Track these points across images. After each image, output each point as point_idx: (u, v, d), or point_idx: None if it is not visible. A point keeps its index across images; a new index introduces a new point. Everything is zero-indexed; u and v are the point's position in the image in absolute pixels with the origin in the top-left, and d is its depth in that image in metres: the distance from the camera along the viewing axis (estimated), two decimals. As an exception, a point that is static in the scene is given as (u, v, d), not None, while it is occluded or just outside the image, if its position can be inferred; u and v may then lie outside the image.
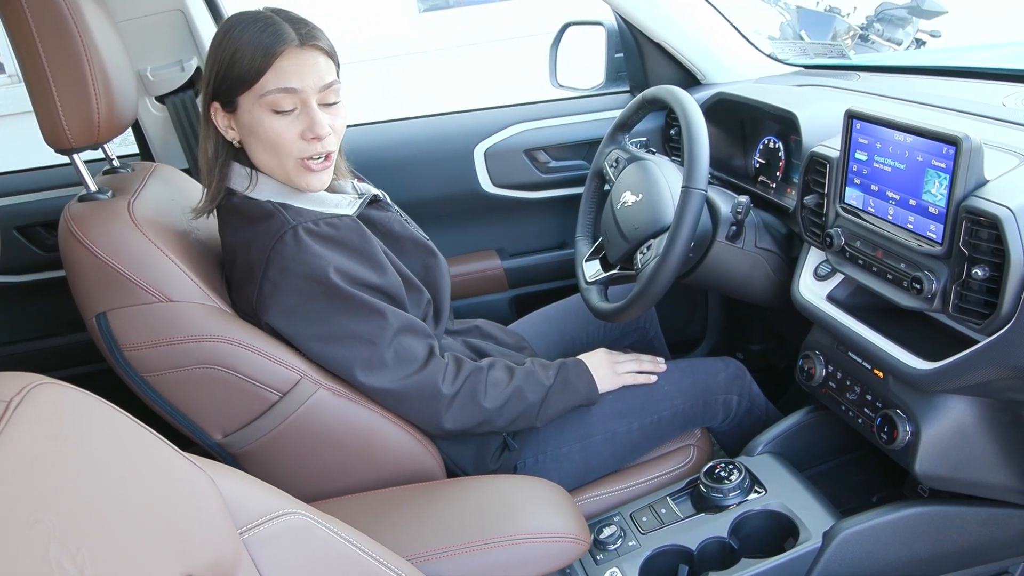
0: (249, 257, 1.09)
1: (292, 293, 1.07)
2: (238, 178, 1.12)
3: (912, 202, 0.97)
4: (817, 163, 1.17)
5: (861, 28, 4.99)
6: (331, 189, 1.23)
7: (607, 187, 1.50)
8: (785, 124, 1.44)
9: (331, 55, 1.10)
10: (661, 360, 1.36)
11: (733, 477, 1.19)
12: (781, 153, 1.50)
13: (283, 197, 1.12)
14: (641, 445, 1.31)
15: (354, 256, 1.10)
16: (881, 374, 1.11)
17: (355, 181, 1.29)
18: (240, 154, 1.13)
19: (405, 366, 1.11)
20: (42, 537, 0.44)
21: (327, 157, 1.11)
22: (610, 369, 1.30)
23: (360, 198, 1.21)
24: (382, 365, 1.10)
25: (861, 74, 1.64)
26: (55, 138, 1.03)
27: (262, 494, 0.69)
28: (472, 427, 1.17)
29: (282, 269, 1.06)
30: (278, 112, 1.06)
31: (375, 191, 1.27)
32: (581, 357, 1.30)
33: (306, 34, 1.07)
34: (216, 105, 1.09)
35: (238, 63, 1.04)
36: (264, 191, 1.11)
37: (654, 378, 1.33)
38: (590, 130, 1.82)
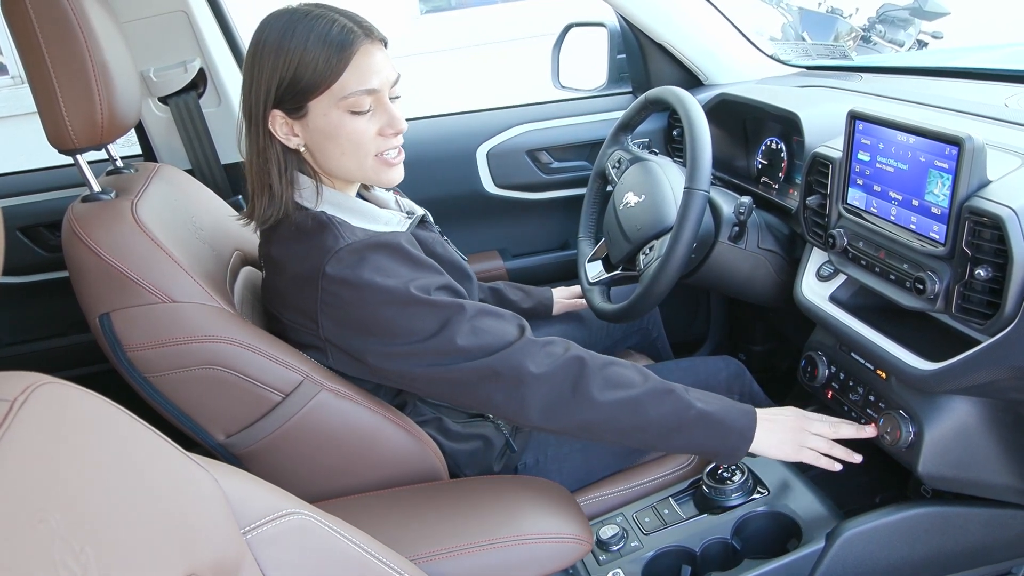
0: (303, 271, 1.02)
1: (356, 307, 1.00)
2: (305, 191, 1.06)
3: (915, 203, 0.97)
4: (820, 164, 1.17)
5: (863, 29, 4.99)
6: (377, 202, 1.19)
7: (610, 188, 1.50)
8: (788, 125, 1.44)
9: (387, 46, 1.07)
10: (858, 457, 1.10)
11: (736, 478, 1.18)
12: (783, 154, 1.50)
13: (338, 212, 1.06)
14: (643, 446, 1.31)
15: (411, 264, 1.05)
16: (884, 375, 1.11)
17: (397, 196, 1.25)
18: (302, 162, 1.08)
19: (488, 347, 1.00)
20: (46, 536, 0.44)
21: (400, 150, 1.08)
22: (792, 436, 1.08)
23: (409, 217, 1.16)
24: (462, 357, 1.00)
25: (863, 75, 1.64)
26: (59, 139, 1.03)
27: (265, 494, 0.69)
28: (569, 424, 1.02)
29: (342, 283, 1.00)
30: (356, 113, 1.02)
31: (421, 210, 1.22)
32: (765, 411, 1.09)
33: (368, 28, 1.03)
34: (276, 113, 1.02)
35: (310, 66, 0.98)
36: (321, 204, 1.06)
37: (838, 466, 1.10)
38: (592, 131, 1.83)
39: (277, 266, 1.08)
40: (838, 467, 1.10)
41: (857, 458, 1.10)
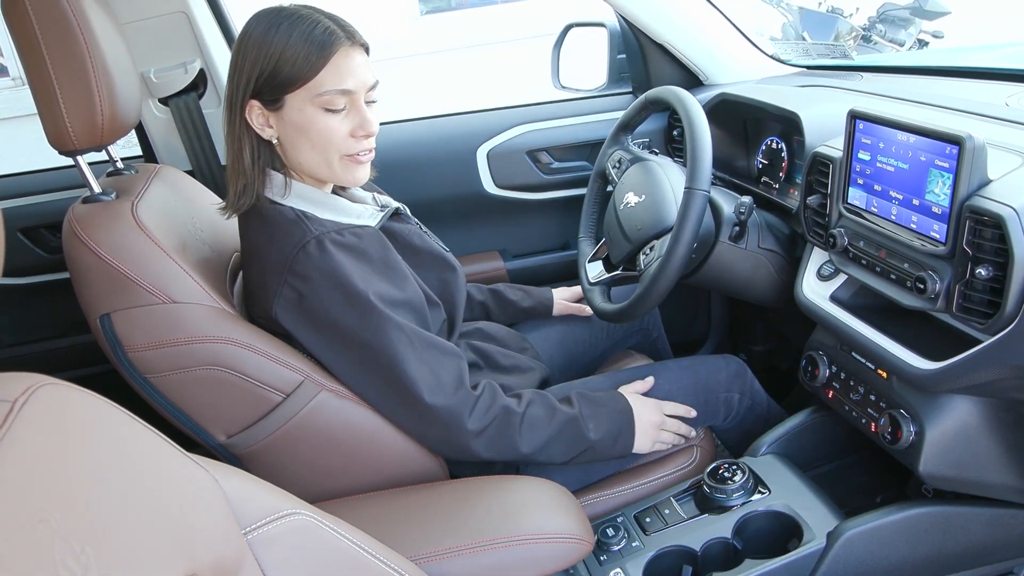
0: (268, 264, 1.07)
1: (314, 304, 1.05)
2: (275, 184, 1.10)
3: (915, 202, 0.97)
4: (820, 163, 1.17)
5: (863, 29, 4.99)
6: (351, 198, 1.22)
7: (610, 188, 1.50)
8: (788, 124, 1.44)
9: (369, 53, 1.10)
10: (691, 431, 1.30)
11: (737, 478, 1.18)
12: (784, 153, 1.50)
13: (307, 206, 1.10)
14: (644, 446, 1.31)
15: (378, 268, 1.09)
16: (885, 374, 1.11)
17: (376, 193, 1.28)
18: (274, 156, 1.11)
19: (430, 390, 1.08)
20: (47, 536, 0.44)
21: (370, 151, 1.12)
22: (649, 439, 1.24)
23: (382, 210, 1.20)
24: (405, 387, 1.07)
25: (864, 75, 1.64)
26: (59, 140, 1.03)
27: (266, 494, 0.69)
28: (502, 459, 1.16)
29: (304, 279, 1.04)
30: (329, 111, 1.05)
31: (396, 204, 1.26)
32: (634, 406, 1.24)
33: (351, 32, 1.07)
34: (254, 103, 1.06)
35: (289, 61, 1.02)
36: (291, 198, 1.10)
37: (683, 441, 1.30)
38: (593, 131, 1.83)
39: (247, 260, 1.12)
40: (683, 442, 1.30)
41: (690, 431, 1.29)
